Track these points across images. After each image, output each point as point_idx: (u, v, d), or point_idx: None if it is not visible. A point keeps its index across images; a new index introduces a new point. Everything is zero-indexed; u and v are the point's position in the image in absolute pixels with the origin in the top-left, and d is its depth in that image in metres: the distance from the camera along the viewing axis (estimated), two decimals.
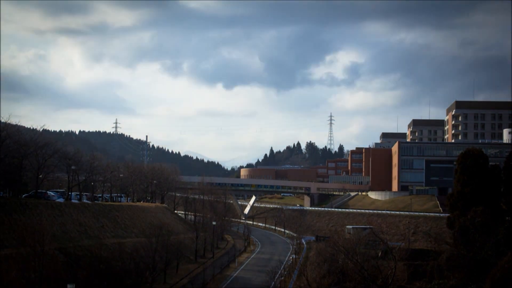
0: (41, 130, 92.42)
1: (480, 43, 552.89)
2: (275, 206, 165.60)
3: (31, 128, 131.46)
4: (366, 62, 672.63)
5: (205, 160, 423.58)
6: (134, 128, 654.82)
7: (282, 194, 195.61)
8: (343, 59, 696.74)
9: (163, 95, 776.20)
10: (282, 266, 77.51)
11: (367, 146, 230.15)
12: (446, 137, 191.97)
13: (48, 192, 69.29)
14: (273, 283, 64.79)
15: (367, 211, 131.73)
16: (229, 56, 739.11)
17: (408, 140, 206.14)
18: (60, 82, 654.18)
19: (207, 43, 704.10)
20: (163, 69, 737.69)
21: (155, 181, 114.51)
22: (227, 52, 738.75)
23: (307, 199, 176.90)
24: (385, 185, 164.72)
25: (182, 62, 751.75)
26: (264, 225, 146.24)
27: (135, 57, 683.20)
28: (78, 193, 77.89)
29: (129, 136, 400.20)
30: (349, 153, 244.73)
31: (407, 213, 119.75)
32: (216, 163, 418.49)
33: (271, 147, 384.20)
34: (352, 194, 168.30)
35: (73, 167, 73.72)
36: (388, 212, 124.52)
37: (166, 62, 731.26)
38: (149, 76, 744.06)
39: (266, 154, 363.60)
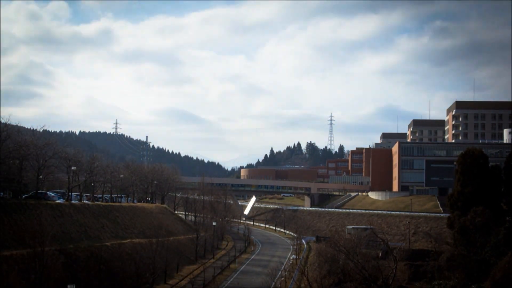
0: (41, 130, 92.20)
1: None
2: (276, 206, 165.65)
3: (31, 128, 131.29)
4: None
5: (205, 161, 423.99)
6: (134, 128, 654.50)
7: (282, 194, 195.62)
8: None
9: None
10: (283, 267, 77.50)
11: (368, 146, 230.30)
12: (446, 137, 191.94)
13: (48, 192, 69.18)
14: (274, 283, 64.74)
15: (367, 211, 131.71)
16: None
17: (408, 140, 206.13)
18: None
19: None
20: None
21: (155, 182, 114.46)
22: None
23: (307, 200, 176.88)
24: (385, 185, 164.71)
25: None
26: (264, 225, 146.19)
27: None
28: (79, 193, 77.82)
29: (129, 136, 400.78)
30: (350, 153, 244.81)
31: (407, 213, 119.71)
32: (216, 163, 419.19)
33: (271, 147, 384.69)
34: (353, 194, 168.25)
35: (73, 168, 73.61)
36: (389, 212, 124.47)
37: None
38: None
39: (266, 155, 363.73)
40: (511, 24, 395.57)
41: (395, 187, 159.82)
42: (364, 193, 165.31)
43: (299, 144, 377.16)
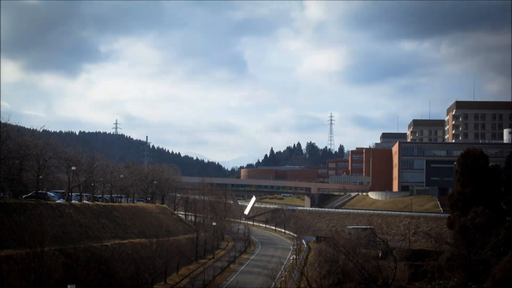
0: (41, 130, 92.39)
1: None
2: (276, 206, 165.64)
3: (31, 128, 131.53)
4: None
5: (205, 161, 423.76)
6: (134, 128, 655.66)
7: (282, 194, 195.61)
8: None
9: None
10: (283, 267, 77.46)
11: (368, 146, 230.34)
12: (446, 137, 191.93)
13: (48, 192, 69.18)
14: (274, 283, 64.72)
15: (367, 211, 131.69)
16: None
17: (408, 140, 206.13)
18: None
19: None
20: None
21: (155, 182, 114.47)
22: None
23: (307, 200, 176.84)
24: (385, 185, 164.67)
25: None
26: (264, 225, 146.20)
27: None
28: (79, 193, 77.81)
29: (129, 136, 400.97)
30: (350, 153, 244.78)
31: (407, 213, 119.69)
32: (217, 163, 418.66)
33: (271, 148, 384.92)
34: (353, 194, 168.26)
35: (73, 168, 73.59)
36: (389, 212, 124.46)
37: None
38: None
39: (266, 155, 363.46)
40: (511, 24, 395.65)
41: (395, 187, 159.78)
42: (364, 193, 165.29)
43: (299, 144, 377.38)
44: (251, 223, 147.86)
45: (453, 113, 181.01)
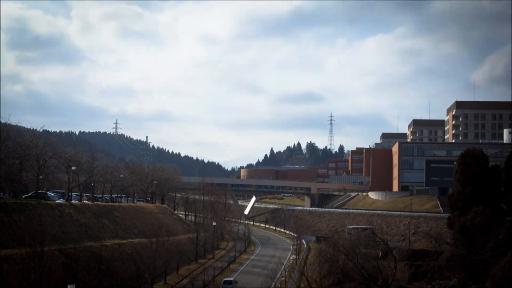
0: (41, 130, 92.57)
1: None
2: (276, 206, 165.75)
3: (31, 128, 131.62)
4: None
5: (205, 161, 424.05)
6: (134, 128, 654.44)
7: (282, 194, 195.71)
8: None
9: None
10: (283, 267, 77.51)
11: (368, 146, 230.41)
12: (446, 137, 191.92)
13: (48, 192, 69.18)
14: (274, 283, 64.76)
15: (367, 211, 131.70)
16: None
17: (408, 140, 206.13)
18: None
19: None
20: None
21: (155, 182, 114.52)
22: None
23: (307, 200, 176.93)
24: (385, 185, 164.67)
25: None
26: (264, 225, 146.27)
27: None
28: (79, 193, 77.82)
29: (129, 136, 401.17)
30: (350, 153, 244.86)
31: (407, 213, 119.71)
32: (217, 163, 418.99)
33: (271, 148, 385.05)
34: (353, 194, 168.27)
35: (73, 168, 73.61)
36: (389, 212, 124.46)
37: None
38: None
39: (266, 155, 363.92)
40: (511, 23, 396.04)
41: (395, 187, 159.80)
42: (364, 193, 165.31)
43: (299, 144, 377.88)
44: (251, 223, 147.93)
45: (453, 113, 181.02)
